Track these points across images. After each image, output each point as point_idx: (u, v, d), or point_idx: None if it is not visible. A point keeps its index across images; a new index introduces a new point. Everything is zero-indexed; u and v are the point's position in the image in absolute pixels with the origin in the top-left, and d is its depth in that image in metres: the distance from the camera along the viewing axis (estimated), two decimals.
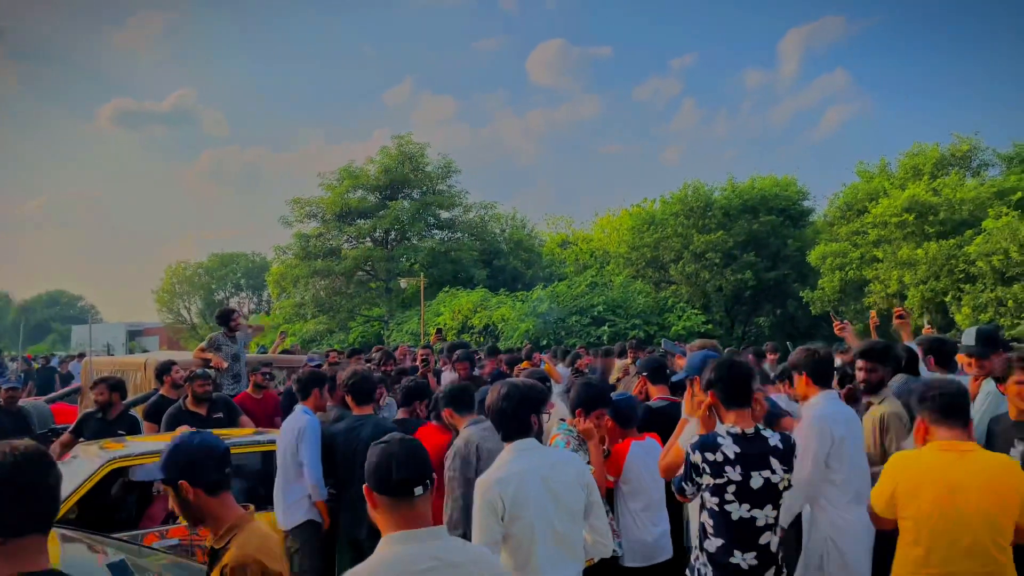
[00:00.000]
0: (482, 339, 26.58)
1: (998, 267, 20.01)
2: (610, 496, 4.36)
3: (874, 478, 3.53)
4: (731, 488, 3.20)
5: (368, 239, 37.13)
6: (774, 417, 4.64)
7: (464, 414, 4.40)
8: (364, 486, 2.33)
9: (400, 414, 5.51)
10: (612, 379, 8.63)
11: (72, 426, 6.47)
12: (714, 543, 3.25)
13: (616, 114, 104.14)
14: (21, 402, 7.69)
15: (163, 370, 7.08)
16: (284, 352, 12.24)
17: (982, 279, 20.64)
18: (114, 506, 6.08)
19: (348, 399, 5.10)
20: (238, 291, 62.29)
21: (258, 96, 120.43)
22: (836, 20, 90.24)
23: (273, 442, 5.50)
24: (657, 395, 5.18)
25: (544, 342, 23.10)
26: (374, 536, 4.67)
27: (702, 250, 29.11)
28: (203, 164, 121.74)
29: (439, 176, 37.99)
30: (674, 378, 4.35)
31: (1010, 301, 19.61)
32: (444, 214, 38.39)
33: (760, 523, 3.22)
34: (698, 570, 3.34)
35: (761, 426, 3.35)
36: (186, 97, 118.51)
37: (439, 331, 19.83)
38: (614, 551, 4.03)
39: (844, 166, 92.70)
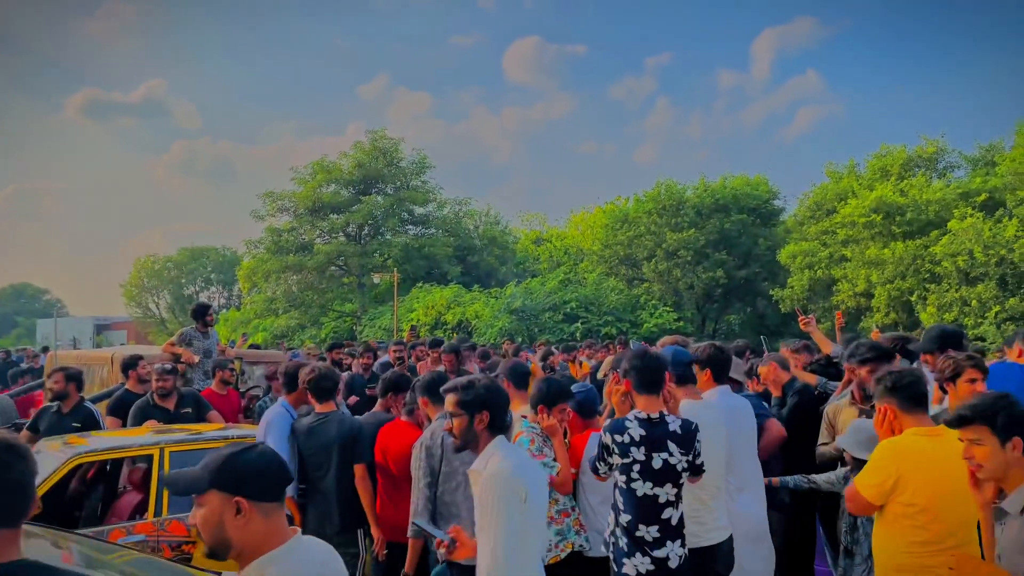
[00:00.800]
0: (456, 335, 26.57)
1: (963, 267, 20.43)
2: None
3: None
4: (636, 467, 3.48)
5: (341, 234, 36.89)
6: (761, 418, 4.71)
7: (438, 405, 4.40)
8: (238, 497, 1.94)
9: (377, 407, 5.48)
10: (601, 374, 8.68)
11: (29, 422, 6.37)
12: (624, 517, 3.53)
13: (591, 112, 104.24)
14: None
15: (129, 364, 6.98)
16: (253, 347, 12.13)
17: (947, 279, 21.06)
18: (80, 502, 6.00)
19: (309, 396, 5.06)
20: (208, 286, 61.51)
21: (230, 89, 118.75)
22: (809, 21, 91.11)
23: (244, 437, 5.47)
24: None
25: (519, 339, 23.15)
26: (344, 532, 4.69)
27: (674, 248, 29.36)
28: (173, 156, 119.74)
29: (413, 171, 37.87)
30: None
31: (974, 301, 20.02)
32: (418, 210, 38.24)
33: (662, 500, 3.48)
34: (614, 542, 3.60)
35: (666, 412, 3.58)
36: (157, 88, 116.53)
37: (413, 328, 19.75)
38: (581, 545, 4.07)
39: (815, 167, 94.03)
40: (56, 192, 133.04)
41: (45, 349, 16.35)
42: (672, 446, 3.49)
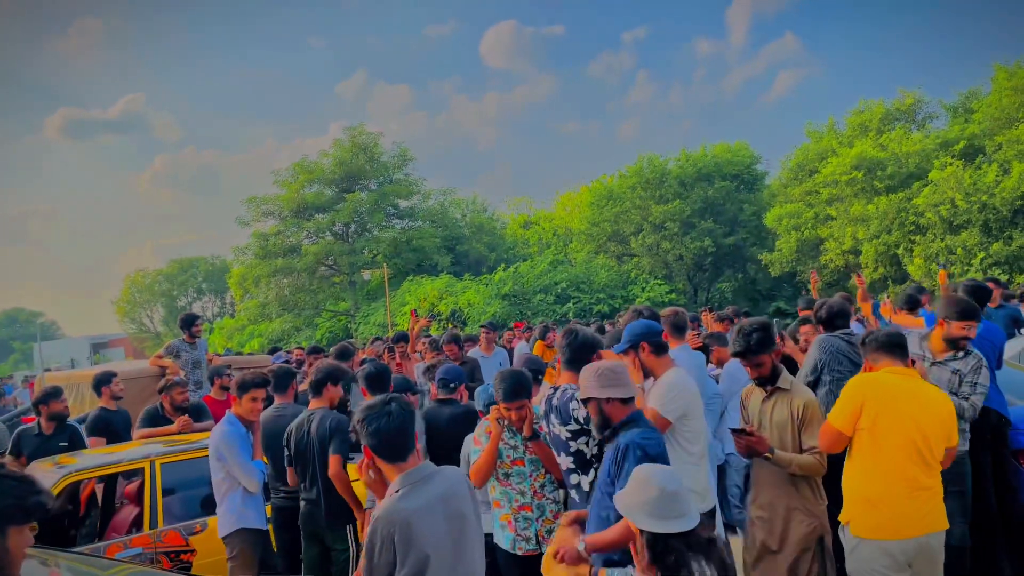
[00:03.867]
0: (449, 324, 26.59)
1: (946, 216, 20.50)
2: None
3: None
4: (545, 436, 3.83)
5: (328, 233, 36.81)
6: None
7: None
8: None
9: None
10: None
11: (9, 447, 6.35)
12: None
13: (571, 92, 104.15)
14: None
15: (102, 381, 6.94)
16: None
17: (932, 230, 21.15)
18: (77, 520, 6.04)
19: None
20: (200, 296, 61.47)
21: (209, 97, 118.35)
22: None
23: None
24: None
25: (511, 324, 23.17)
26: (335, 529, 4.72)
27: (661, 220, 29.38)
28: (157, 170, 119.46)
29: (395, 165, 37.76)
30: (615, 348, 4.40)
31: (959, 249, 20.12)
32: (403, 203, 38.18)
33: (564, 467, 3.71)
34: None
35: (574, 385, 3.67)
36: (134, 103, 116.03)
37: (415, 312, 19.56)
38: None
39: (798, 129, 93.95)
40: (42, 214, 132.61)
41: (26, 379, 16.18)
42: (552, 417, 3.71)
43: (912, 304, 6.23)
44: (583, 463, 3.63)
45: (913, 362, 3.91)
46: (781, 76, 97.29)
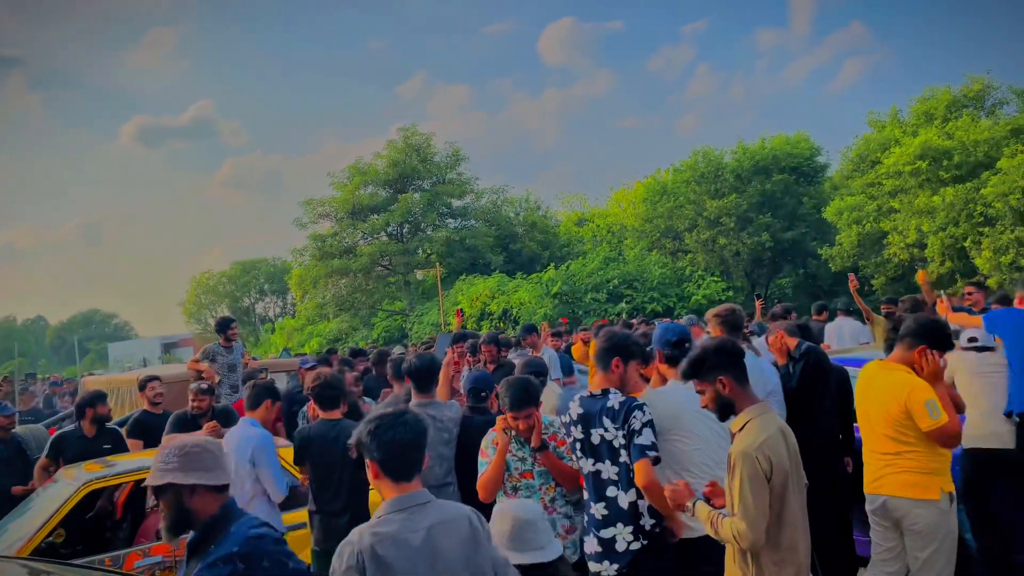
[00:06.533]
0: (501, 324, 26.52)
1: (1016, 207, 19.50)
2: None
3: None
4: (577, 445, 3.61)
5: (383, 234, 37.20)
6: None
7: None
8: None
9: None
10: None
11: (47, 450, 6.48)
12: (583, 494, 3.70)
13: (631, 87, 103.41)
14: (18, 428, 7.74)
15: (142, 386, 7.08)
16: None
17: (1001, 220, 20.13)
18: (106, 526, 6.12)
19: (313, 404, 5.08)
20: (262, 296, 62.88)
21: (273, 102, 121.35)
22: None
23: None
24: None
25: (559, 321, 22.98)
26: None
27: (716, 215, 28.77)
28: (225, 174, 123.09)
29: (448, 165, 37.93)
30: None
31: None
32: (456, 202, 38.34)
33: (604, 476, 3.50)
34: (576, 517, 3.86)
35: (613, 389, 3.57)
36: (204, 109, 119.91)
37: (460, 312, 19.45)
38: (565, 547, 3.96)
39: (865, 119, 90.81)
40: (117, 218, 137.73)
41: (46, 379, 16.45)
42: (607, 421, 3.48)
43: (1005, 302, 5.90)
44: (627, 479, 3.45)
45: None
46: (847, 65, 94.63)
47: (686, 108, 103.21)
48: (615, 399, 3.51)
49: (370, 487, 4.72)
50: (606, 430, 3.48)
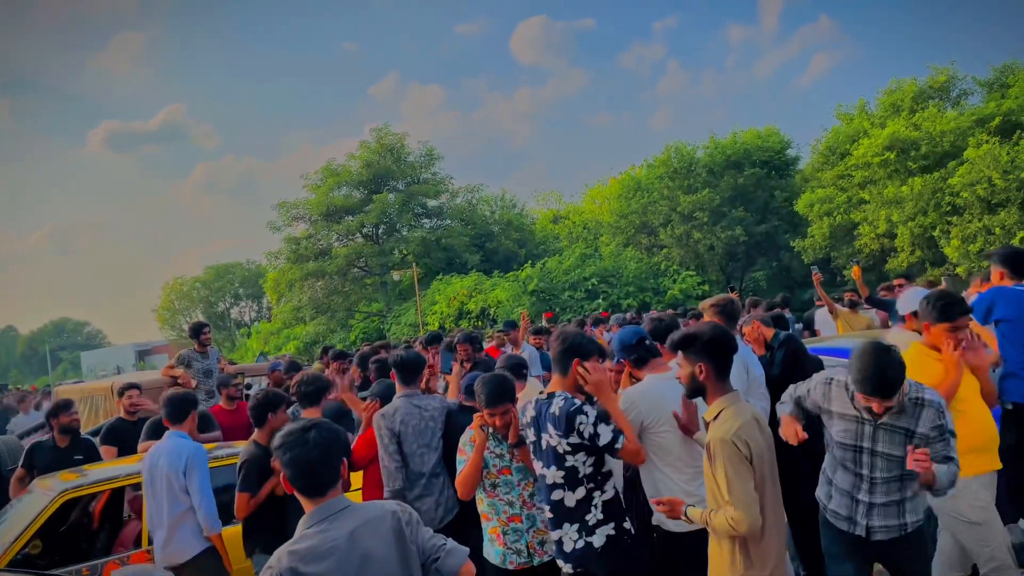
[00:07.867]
0: (480, 323, 26.52)
1: (983, 196, 19.86)
2: None
3: None
4: (532, 447, 3.64)
5: (358, 235, 36.97)
6: None
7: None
8: None
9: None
10: None
11: (22, 460, 6.40)
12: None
13: (603, 84, 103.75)
14: None
15: (120, 393, 7.00)
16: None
17: (969, 210, 20.50)
18: (82, 535, 6.05)
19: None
20: (237, 301, 62.29)
21: (246, 105, 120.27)
22: None
23: (233, 455, 5.46)
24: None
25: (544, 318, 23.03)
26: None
27: (690, 210, 28.97)
28: (197, 178, 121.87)
29: (422, 165, 37.77)
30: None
31: (997, 229, 19.48)
32: (431, 202, 38.15)
33: (549, 481, 3.52)
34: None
35: (559, 392, 3.52)
36: (174, 113, 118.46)
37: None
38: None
39: (832, 111, 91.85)
40: (88, 226, 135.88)
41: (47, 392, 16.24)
42: (550, 427, 3.46)
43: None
44: (574, 480, 3.46)
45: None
46: (815, 59, 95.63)
47: (658, 104, 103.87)
48: (556, 404, 3.46)
49: (351, 488, 4.73)
50: (551, 436, 3.46)
